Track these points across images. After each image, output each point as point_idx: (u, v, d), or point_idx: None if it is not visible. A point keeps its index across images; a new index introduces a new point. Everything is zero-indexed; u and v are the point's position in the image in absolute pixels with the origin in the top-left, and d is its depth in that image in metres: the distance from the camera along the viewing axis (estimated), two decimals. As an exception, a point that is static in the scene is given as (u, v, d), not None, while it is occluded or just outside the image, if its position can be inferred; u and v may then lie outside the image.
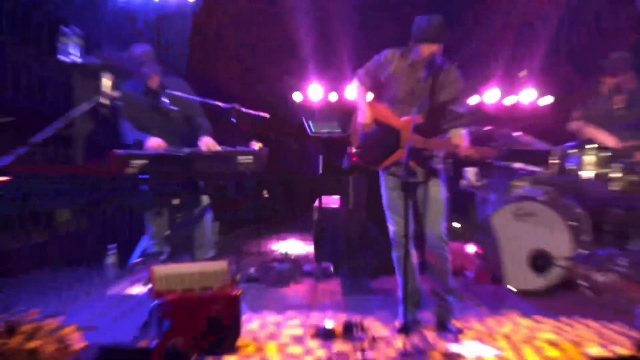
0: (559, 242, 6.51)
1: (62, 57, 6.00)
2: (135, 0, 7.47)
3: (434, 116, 5.15)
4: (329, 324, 5.40)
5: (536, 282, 6.52)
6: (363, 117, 5.35)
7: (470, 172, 7.37)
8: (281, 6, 7.80)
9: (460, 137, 5.16)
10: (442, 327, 5.36)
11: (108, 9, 7.53)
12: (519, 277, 6.60)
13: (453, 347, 5.14)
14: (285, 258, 7.48)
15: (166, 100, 5.88)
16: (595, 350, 5.10)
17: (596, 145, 6.57)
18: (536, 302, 6.33)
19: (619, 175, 6.45)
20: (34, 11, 7.03)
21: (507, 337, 5.30)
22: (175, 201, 5.78)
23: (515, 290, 6.61)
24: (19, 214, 6.85)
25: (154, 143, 5.77)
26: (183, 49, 6.60)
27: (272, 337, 5.30)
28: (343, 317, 5.60)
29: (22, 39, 6.95)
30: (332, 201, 7.74)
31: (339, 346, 5.08)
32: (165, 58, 6.36)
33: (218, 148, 5.82)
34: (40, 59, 6.84)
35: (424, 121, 5.07)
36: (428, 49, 5.08)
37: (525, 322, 5.72)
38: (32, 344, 5.09)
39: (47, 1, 6.98)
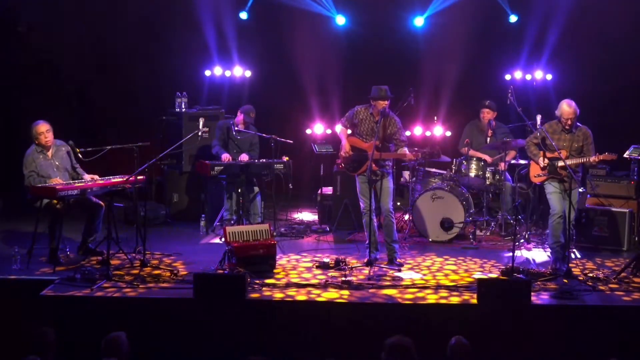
0: (456, 213, 8.68)
1: (177, 109, 9.27)
2: (216, 75, 10.62)
3: (384, 141, 7.51)
4: (326, 259, 7.58)
5: (444, 236, 8.70)
6: (344, 146, 7.63)
7: (406, 173, 9.39)
8: (300, 83, 10.44)
9: (404, 149, 7.57)
10: (391, 262, 7.54)
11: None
12: (434, 233, 8.74)
13: (397, 274, 7.27)
14: (301, 222, 9.66)
15: (233, 132, 8.83)
16: (478, 275, 7.23)
17: (476, 159, 9.00)
18: (444, 248, 8.48)
19: (489, 175, 8.90)
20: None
21: (428, 267, 7.55)
22: (240, 189, 8.58)
23: (432, 240, 8.77)
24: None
25: (225, 157, 8.67)
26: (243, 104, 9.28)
27: (294, 267, 7.48)
28: (334, 256, 7.69)
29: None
30: (327, 190, 9.59)
31: (332, 273, 7.20)
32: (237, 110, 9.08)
33: (245, 159, 8.66)
34: (166, 111, 9.82)
35: (379, 144, 7.41)
36: (380, 104, 7.45)
37: (438, 259, 7.92)
38: (156, 271, 7.17)
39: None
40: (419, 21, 10.60)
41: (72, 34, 10.24)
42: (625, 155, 8.58)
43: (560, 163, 7.40)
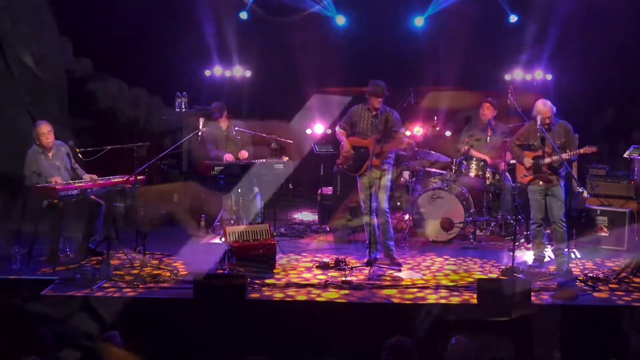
0: (456, 213, 8.76)
1: (177, 109, 9.27)
2: (216, 75, 10.63)
3: (384, 135, 7.58)
4: (326, 259, 7.74)
5: (444, 236, 8.77)
6: (344, 146, 7.74)
7: (406, 173, 9.46)
8: (300, 83, 10.50)
9: (402, 137, 7.64)
10: (388, 257, 7.66)
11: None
12: (434, 232, 8.81)
13: (397, 274, 7.39)
14: (301, 222, 9.76)
15: (233, 132, 8.91)
16: (478, 275, 7.36)
17: (476, 159, 9.01)
18: (444, 247, 8.57)
19: (489, 175, 8.92)
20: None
21: (427, 267, 7.65)
22: (240, 189, 8.65)
23: (432, 240, 8.85)
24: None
25: (228, 157, 8.68)
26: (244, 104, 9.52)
27: (293, 267, 7.58)
28: (334, 256, 7.83)
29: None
30: (327, 190, 9.69)
31: (332, 273, 7.34)
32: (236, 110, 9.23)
33: (246, 156, 8.70)
34: (167, 111, 9.88)
35: (380, 138, 7.55)
36: (376, 100, 7.55)
37: (438, 259, 8.00)
38: (156, 271, 7.27)
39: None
40: (419, 21, 10.68)
41: (72, 34, 10.22)
42: (625, 155, 8.58)
43: (546, 160, 7.45)
